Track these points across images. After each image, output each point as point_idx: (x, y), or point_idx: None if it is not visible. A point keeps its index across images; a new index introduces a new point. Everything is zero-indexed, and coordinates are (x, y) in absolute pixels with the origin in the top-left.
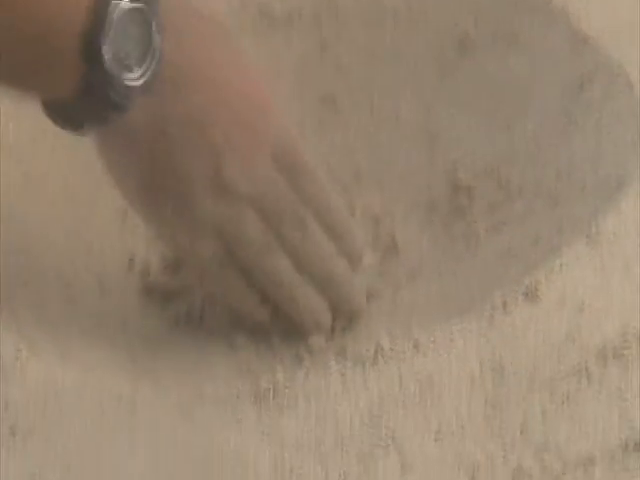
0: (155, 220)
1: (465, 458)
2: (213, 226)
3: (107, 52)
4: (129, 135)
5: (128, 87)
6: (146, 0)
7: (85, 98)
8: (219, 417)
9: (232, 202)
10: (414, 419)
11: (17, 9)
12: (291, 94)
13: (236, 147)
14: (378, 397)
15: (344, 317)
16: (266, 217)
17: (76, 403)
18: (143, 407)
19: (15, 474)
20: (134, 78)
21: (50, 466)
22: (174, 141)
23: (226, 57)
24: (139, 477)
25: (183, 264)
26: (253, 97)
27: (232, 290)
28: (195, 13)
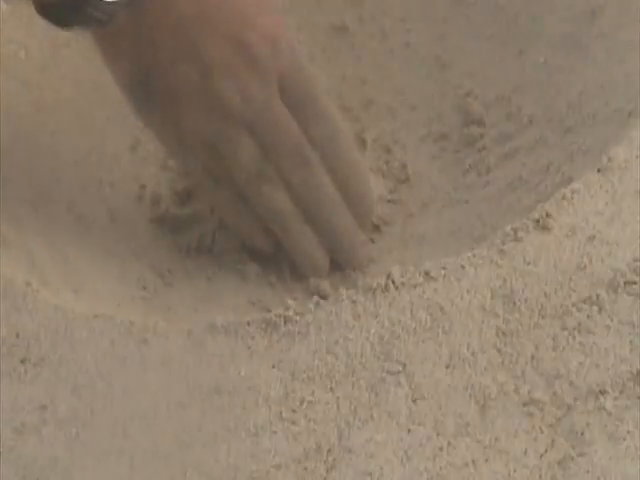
0: (149, 125)
1: (476, 387)
2: (202, 141)
3: None
4: (121, 36)
5: (108, 3)
6: None
7: (67, 8)
8: (230, 346)
9: (223, 120)
10: (425, 348)
11: None
12: (303, 23)
13: (231, 66)
14: (389, 326)
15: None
16: (264, 146)
17: (87, 333)
18: (154, 337)
19: (25, 404)
20: None
21: (60, 396)
22: (163, 51)
23: None
24: (150, 407)
25: (194, 190)
26: (261, 25)
27: (229, 213)
28: None
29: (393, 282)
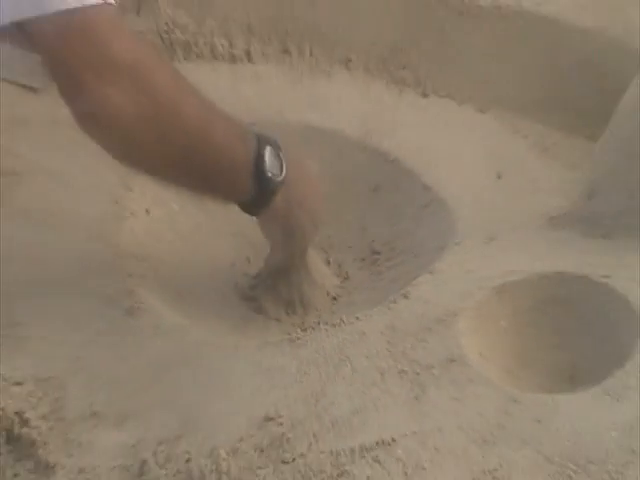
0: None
1: None
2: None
3: (266, 169)
4: (275, 214)
5: (275, 183)
6: (275, 146)
7: (255, 196)
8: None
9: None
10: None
11: (223, 157)
12: None
13: (310, 221)
14: (347, 337)
15: None
16: None
17: None
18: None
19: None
20: (278, 178)
21: None
22: (295, 218)
23: (308, 188)
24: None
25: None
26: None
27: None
28: (299, 160)
29: (343, 321)
